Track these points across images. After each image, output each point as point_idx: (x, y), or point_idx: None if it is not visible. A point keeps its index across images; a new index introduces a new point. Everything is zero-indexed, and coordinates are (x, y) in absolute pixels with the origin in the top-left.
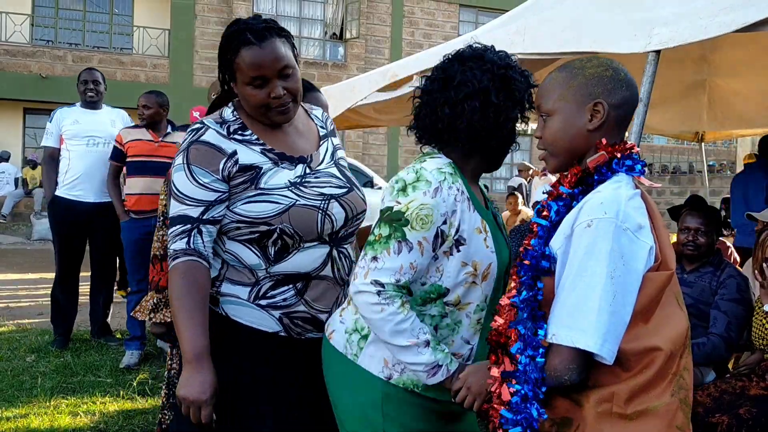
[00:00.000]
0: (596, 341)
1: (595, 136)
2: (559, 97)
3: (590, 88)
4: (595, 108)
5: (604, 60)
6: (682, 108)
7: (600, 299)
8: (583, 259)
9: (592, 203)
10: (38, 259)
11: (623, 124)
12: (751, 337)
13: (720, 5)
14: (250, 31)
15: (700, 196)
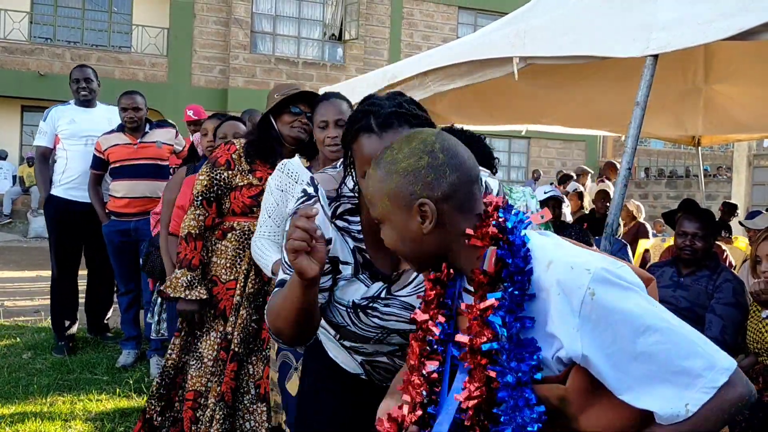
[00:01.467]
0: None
1: (436, 235)
2: (381, 203)
3: (408, 188)
4: (422, 209)
5: (416, 143)
6: (679, 112)
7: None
8: (620, 322)
9: (567, 277)
10: (35, 256)
11: (467, 205)
12: (746, 340)
13: (717, 11)
14: (374, 116)
15: (693, 200)
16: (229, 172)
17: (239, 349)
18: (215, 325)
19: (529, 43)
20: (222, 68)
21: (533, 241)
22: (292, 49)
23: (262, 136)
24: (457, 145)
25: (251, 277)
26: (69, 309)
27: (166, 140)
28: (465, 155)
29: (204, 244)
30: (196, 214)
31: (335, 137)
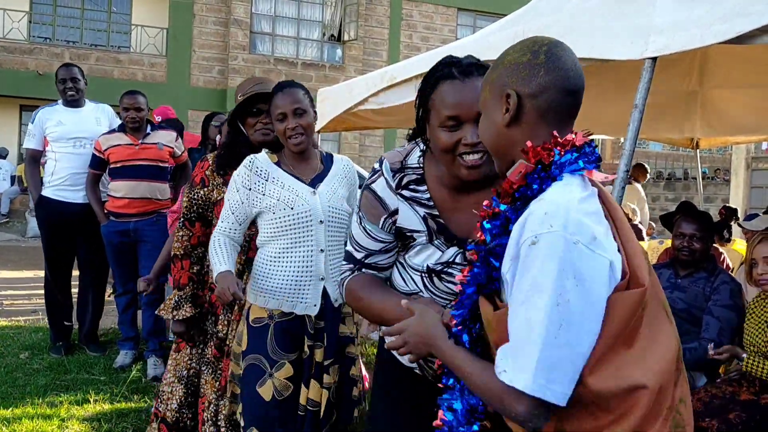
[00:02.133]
0: (538, 381)
1: (515, 133)
2: (485, 92)
3: (504, 78)
4: (507, 100)
5: (529, 41)
6: (678, 114)
7: (543, 331)
8: (530, 283)
9: (536, 215)
10: (33, 256)
11: (551, 116)
12: (743, 343)
13: (716, 15)
14: (455, 66)
15: (691, 202)
16: (205, 189)
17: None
18: (213, 328)
19: None
20: (221, 68)
21: (561, 183)
22: (291, 49)
23: (231, 144)
24: (567, 55)
25: (245, 278)
26: (64, 310)
27: (166, 142)
28: (570, 65)
29: (193, 262)
30: (180, 235)
31: (296, 127)
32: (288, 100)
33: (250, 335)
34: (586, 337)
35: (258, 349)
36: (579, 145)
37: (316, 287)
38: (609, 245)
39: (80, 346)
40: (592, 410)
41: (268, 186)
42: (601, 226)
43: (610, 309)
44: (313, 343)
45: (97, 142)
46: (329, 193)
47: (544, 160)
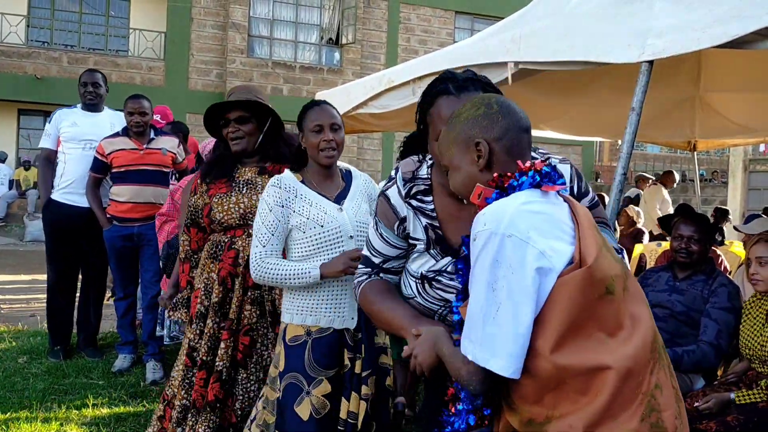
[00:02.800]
0: (484, 355)
1: (488, 175)
2: (448, 151)
3: (468, 132)
4: (477, 149)
5: (477, 99)
6: (675, 117)
7: (484, 312)
8: (473, 273)
9: (478, 219)
10: (31, 260)
11: (515, 151)
12: (739, 346)
13: (712, 17)
14: (452, 81)
15: (689, 205)
16: (195, 196)
17: (207, 357)
18: (187, 332)
19: (524, 48)
20: (219, 72)
21: (513, 195)
22: (289, 53)
23: (217, 154)
24: (512, 103)
25: (215, 287)
26: (65, 314)
27: (170, 148)
28: (517, 109)
29: (193, 266)
30: (182, 240)
31: (331, 141)
32: (326, 114)
33: (288, 355)
34: (524, 317)
35: (295, 366)
36: (538, 168)
37: (352, 300)
38: (550, 239)
39: (79, 350)
40: (569, 393)
41: (298, 203)
42: (544, 223)
43: (558, 290)
44: (353, 355)
45: (100, 145)
46: (355, 209)
47: (504, 183)
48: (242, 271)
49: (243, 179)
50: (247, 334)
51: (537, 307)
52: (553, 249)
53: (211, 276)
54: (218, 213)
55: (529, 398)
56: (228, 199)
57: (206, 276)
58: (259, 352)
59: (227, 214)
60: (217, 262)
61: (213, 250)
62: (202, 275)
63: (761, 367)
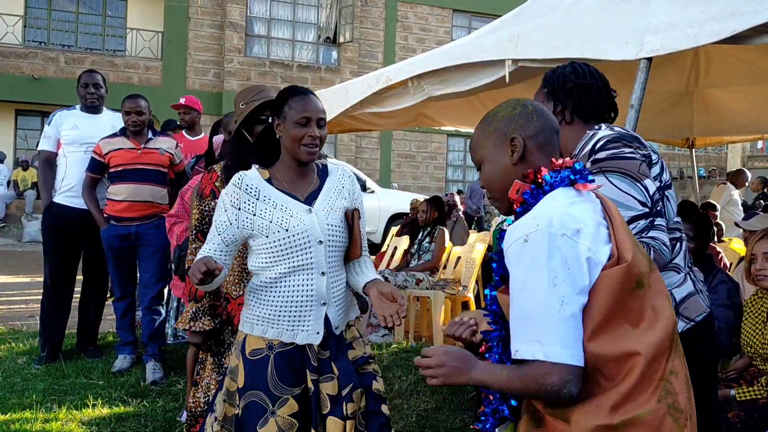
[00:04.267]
0: (557, 351)
1: (522, 168)
2: (482, 145)
3: (504, 128)
4: (513, 143)
5: (513, 101)
6: (673, 114)
7: (549, 309)
8: (526, 273)
9: (525, 220)
10: (29, 261)
11: (548, 150)
12: (740, 343)
13: (709, 14)
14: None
15: (692, 201)
16: (216, 201)
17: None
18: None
19: (522, 46)
20: (217, 72)
21: (551, 194)
22: (287, 52)
23: (236, 155)
24: (544, 107)
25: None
26: (58, 320)
27: (167, 148)
28: (550, 113)
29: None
30: (194, 248)
31: (315, 138)
32: (315, 107)
33: (248, 369)
34: (580, 309)
35: (257, 384)
36: (570, 165)
37: (318, 313)
38: (594, 236)
39: (78, 351)
40: (596, 378)
41: (259, 206)
42: (587, 222)
43: (600, 284)
44: (317, 376)
45: (98, 145)
46: (326, 210)
47: (539, 179)
48: None
49: None
50: None
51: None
52: (597, 245)
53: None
54: None
55: None
56: None
57: (244, 283)
58: None
59: None
60: None
61: (246, 254)
62: (242, 282)
63: (762, 364)
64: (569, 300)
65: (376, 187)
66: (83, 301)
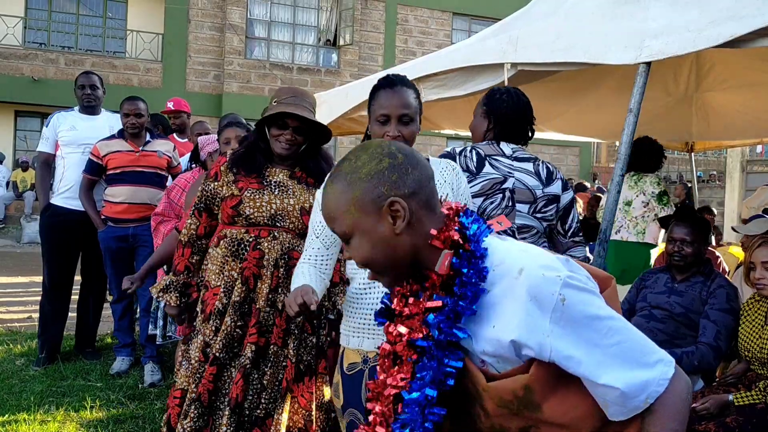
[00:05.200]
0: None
1: (406, 237)
2: (347, 215)
3: (375, 191)
4: (392, 209)
5: (374, 147)
6: (672, 118)
7: (629, 337)
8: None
9: (538, 283)
10: (28, 262)
11: (432, 200)
12: (738, 347)
13: (708, 19)
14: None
15: (691, 205)
16: (216, 183)
17: (220, 354)
18: (204, 329)
19: (521, 49)
20: (217, 74)
21: (499, 248)
22: (287, 54)
23: (250, 146)
24: (411, 148)
25: (238, 286)
26: (57, 322)
27: (165, 151)
28: (418, 153)
29: (194, 252)
30: (189, 223)
31: (397, 137)
32: (396, 102)
33: (346, 386)
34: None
35: (354, 401)
36: (463, 210)
37: None
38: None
39: (76, 352)
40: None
41: None
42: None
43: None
44: None
45: (95, 147)
46: None
47: (462, 242)
48: (265, 273)
49: (274, 180)
50: (262, 335)
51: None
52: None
53: (232, 274)
54: (248, 208)
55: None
56: (261, 197)
57: (227, 274)
58: (275, 356)
59: (258, 211)
60: (239, 260)
61: (234, 248)
62: (222, 273)
63: (760, 368)
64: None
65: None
66: (82, 303)
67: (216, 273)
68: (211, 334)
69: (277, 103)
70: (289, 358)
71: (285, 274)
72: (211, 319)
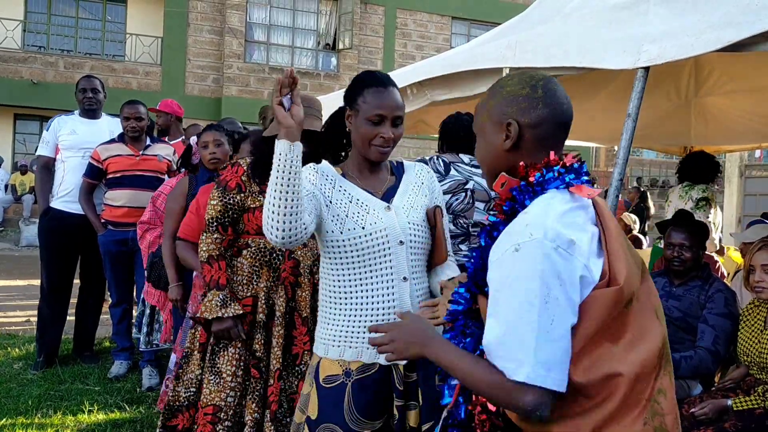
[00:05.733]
0: (539, 372)
1: (514, 157)
2: (482, 117)
3: (504, 108)
4: (508, 128)
5: (526, 76)
6: (671, 122)
7: (537, 326)
8: (513, 285)
9: (518, 226)
10: (26, 265)
11: (548, 143)
12: (737, 352)
13: (706, 23)
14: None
15: (687, 210)
16: (242, 195)
17: (281, 366)
18: (253, 343)
19: (520, 54)
20: (216, 77)
21: (545, 197)
22: (286, 58)
23: (266, 153)
24: (561, 91)
25: (280, 296)
26: (56, 325)
27: (165, 155)
28: (564, 100)
29: (228, 264)
30: (214, 238)
31: (389, 139)
32: (392, 102)
33: (322, 399)
34: (569, 329)
35: (332, 416)
36: (568, 164)
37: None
38: (587, 250)
39: (75, 356)
40: (576, 397)
41: (335, 195)
42: (583, 234)
43: (589, 305)
44: (404, 402)
45: (95, 151)
46: (407, 207)
47: (530, 176)
48: (303, 280)
49: None
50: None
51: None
52: (591, 261)
53: (266, 285)
54: None
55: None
56: None
57: (260, 285)
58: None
59: None
60: (272, 270)
61: (266, 257)
62: (251, 283)
63: (759, 373)
64: (560, 320)
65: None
66: (80, 307)
67: (243, 284)
68: (260, 347)
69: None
70: None
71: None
72: (258, 332)
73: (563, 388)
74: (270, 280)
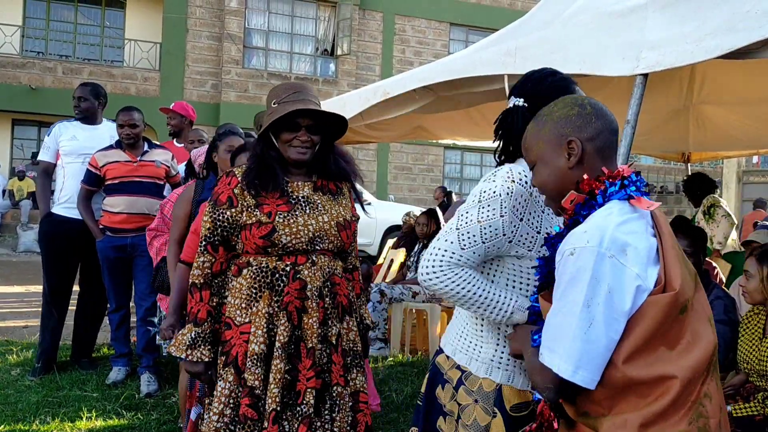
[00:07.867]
0: (568, 367)
1: (578, 172)
2: (536, 145)
3: (561, 130)
4: (570, 146)
5: (570, 99)
6: (669, 129)
7: (575, 327)
8: (565, 286)
9: (577, 232)
10: (24, 271)
11: (606, 153)
12: (737, 359)
13: (705, 30)
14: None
15: (685, 216)
16: (233, 210)
17: (278, 407)
18: (225, 374)
19: (519, 60)
20: (214, 83)
21: (606, 207)
22: (285, 64)
23: (260, 159)
24: (603, 105)
25: (282, 323)
26: (56, 331)
27: (163, 161)
28: (609, 111)
29: (213, 293)
30: (200, 261)
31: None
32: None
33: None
34: (614, 335)
35: None
36: (626, 175)
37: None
38: (642, 260)
39: (73, 362)
40: (628, 395)
41: (531, 206)
42: (640, 242)
43: (645, 310)
44: None
45: (93, 157)
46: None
47: (595, 191)
48: (311, 305)
49: (299, 195)
50: (319, 377)
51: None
52: (646, 270)
53: (267, 310)
54: (285, 236)
55: (592, 399)
56: (294, 220)
57: (260, 310)
58: (340, 398)
59: (296, 237)
60: (275, 293)
61: (268, 278)
62: (250, 308)
63: (758, 380)
64: (599, 324)
65: (373, 200)
66: (79, 313)
67: (242, 308)
68: (259, 384)
69: (280, 104)
70: (361, 392)
71: (332, 304)
72: (256, 366)
73: (591, 386)
74: (272, 304)
